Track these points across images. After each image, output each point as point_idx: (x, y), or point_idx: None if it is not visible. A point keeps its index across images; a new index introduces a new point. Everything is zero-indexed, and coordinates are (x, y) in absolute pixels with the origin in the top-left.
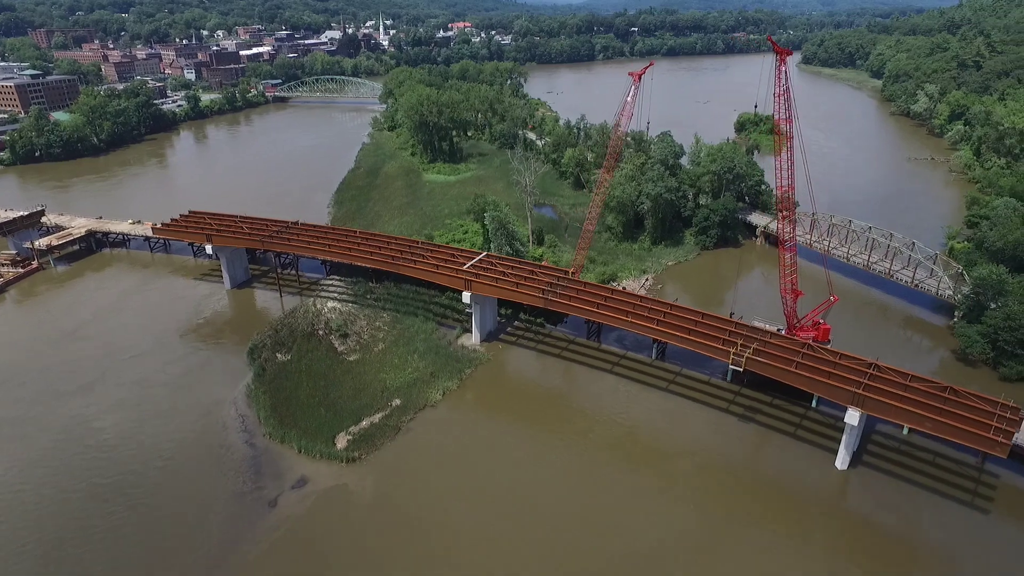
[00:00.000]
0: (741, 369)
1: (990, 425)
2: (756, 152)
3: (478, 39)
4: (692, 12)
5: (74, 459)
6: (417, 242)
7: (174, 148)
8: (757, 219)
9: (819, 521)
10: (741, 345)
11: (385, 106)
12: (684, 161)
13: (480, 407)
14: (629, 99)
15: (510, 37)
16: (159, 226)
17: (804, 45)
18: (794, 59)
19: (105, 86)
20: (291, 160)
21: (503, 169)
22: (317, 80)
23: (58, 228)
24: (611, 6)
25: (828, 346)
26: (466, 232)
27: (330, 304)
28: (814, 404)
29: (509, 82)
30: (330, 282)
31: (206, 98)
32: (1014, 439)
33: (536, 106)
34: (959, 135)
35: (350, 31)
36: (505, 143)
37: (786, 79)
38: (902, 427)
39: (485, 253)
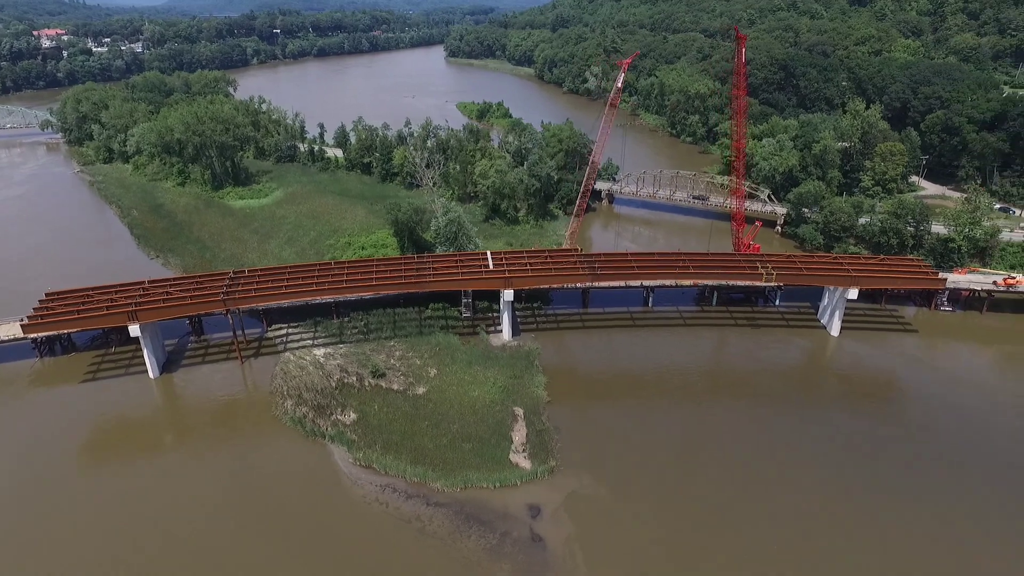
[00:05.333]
0: (773, 284)
1: (928, 271)
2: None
3: (105, 48)
4: (330, 12)
5: None
6: (413, 258)
7: None
8: (599, 185)
9: (845, 363)
10: (761, 267)
11: (60, 135)
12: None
13: (587, 390)
14: (619, 85)
15: (140, 44)
16: (27, 322)
17: (446, 40)
18: (440, 53)
19: None
20: (11, 218)
21: (315, 183)
22: None
23: None
24: (198, 8)
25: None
26: (362, 248)
27: (317, 352)
28: (776, 303)
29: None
30: (280, 332)
31: None
32: (940, 275)
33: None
34: (636, 103)
35: None
36: (283, 156)
37: (744, 58)
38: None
39: (490, 252)
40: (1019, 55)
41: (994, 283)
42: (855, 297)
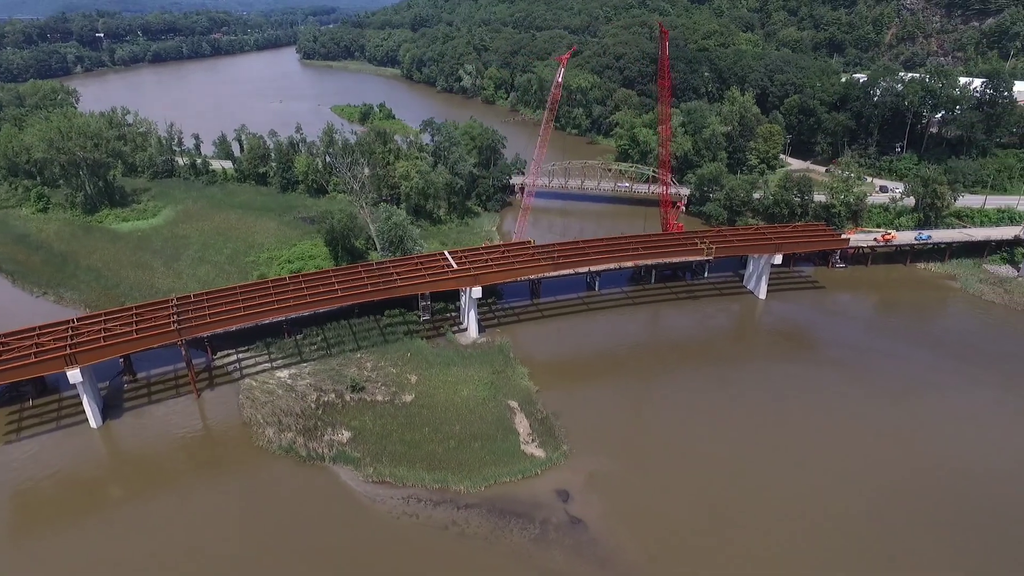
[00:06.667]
0: (711, 258)
1: (833, 234)
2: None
3: None
4: (159, 14)
5: None
6: (372, 265)
7: None
8: (513, 179)
9: (781, 321)
10: (701, 243)
11: None
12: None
13: (569, 375)
14: (560, 80)
15: None
16: None
17: (298, 42)
18: (291, 55)
19: None
20: None
21: (207, 198)
22: None
23: None
24: None
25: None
26: (288, 261)
27: (280, 374)
28: (705, 275)
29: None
30: (230, 359)
31: None
32: (843, 235)
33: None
34: (516, 99)
35: None
36: (159, 172)
37: (667, 52)
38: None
39: (447, 252)
40: (831, 46)
41: (875, 240)
42: (779, 262)
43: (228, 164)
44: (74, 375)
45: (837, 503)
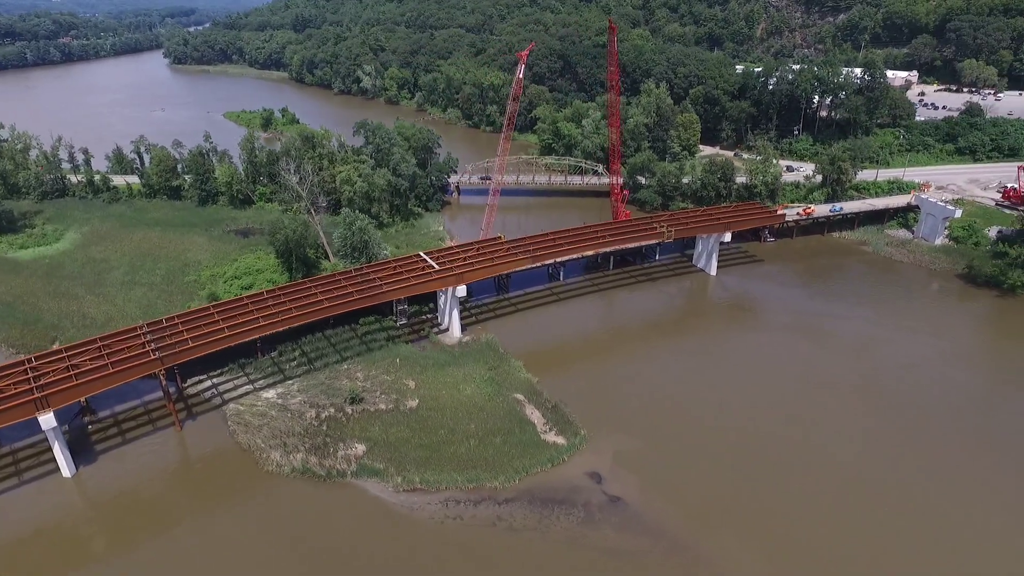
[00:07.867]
0: (672, 240)
1: (770, 211)
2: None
3: None
4: None
5: None
6: (350, 272)
7: None
8: (451, 178)
9: (736, 294)
10: (661, 227)
11: None
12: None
13: (563, 363)
14: (520, 76)
15: None
16: None
17: (166, 45)
18: (156, 60)
19: None
20: None
21: (115, 218)
22: None
23: None
24: None
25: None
26: (236, 277)
27: (267, 395)
28: (657, 257)
29: None
30: (205, 384)
31: None
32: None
33: None
34: (423, 99)
35: None
36: (48, 192)
37: (616, 46)
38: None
39: (423, 253)
40: (711, 41)
41: (797, 214)
42: (729, 240)
43: (133, 179)
44: (47, 420)
45: (838, 449)
